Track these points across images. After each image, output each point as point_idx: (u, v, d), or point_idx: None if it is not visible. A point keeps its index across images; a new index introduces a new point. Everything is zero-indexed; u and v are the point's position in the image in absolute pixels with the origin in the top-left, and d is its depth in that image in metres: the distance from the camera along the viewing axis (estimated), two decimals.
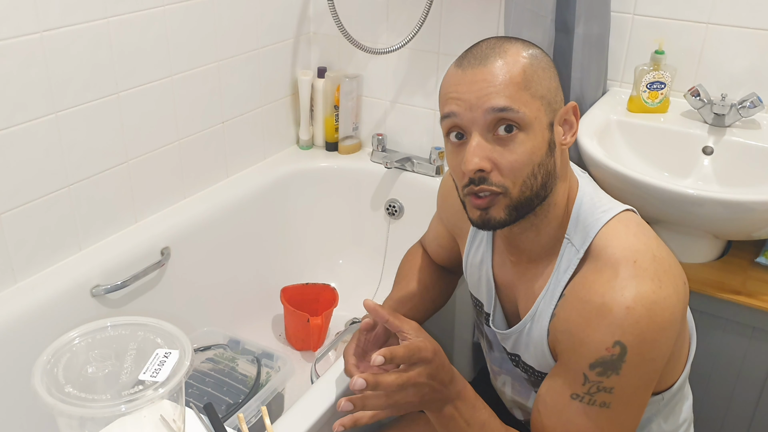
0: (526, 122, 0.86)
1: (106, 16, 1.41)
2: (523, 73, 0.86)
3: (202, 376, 1.46)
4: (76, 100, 1.39)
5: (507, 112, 0.85)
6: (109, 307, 1.48)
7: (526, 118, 0.86)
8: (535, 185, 0.88)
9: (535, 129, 0.87)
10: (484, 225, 0.91)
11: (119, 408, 0.67)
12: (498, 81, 0.86)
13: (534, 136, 0.87)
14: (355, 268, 2.06)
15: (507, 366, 1.08)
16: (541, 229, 0.94)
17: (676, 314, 0.86)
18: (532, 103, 0.87)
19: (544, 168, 0.88)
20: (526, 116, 0.86)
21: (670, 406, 1.04)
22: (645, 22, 1.59)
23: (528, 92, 0.86)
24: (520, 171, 0.87)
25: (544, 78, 0.89)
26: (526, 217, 0.91)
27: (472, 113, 0.86)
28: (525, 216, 0.91)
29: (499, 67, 0.86)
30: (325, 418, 1.13)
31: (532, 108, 0.86)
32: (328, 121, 2.03)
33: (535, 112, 0.87)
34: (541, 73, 0.88)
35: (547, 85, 0.89)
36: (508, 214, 0.89)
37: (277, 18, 1.87)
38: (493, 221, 0.90)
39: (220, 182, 1.83)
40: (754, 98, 1.46)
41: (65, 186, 1.42)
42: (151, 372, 0.71)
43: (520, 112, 0.85)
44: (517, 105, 0.85)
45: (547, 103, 0.88)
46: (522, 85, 0.86)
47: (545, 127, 0.88)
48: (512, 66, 0.87)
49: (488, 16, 1.73)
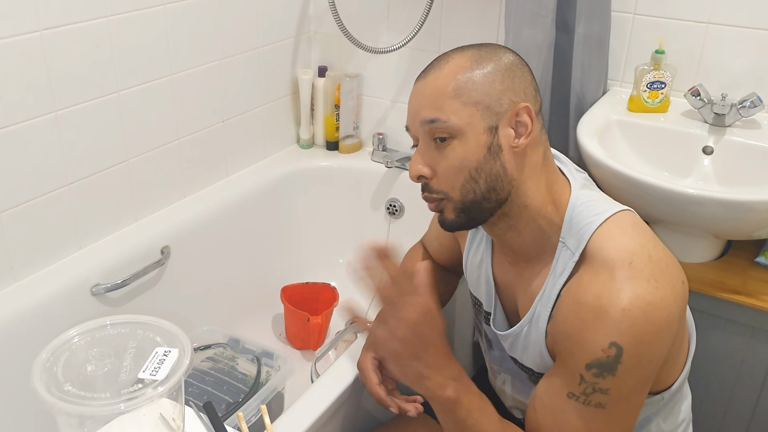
0: (457, 130, 0.89)
1: (107, 14, 1.41)
2: (455, 81, 0.90)
3: (202, 375, 1.46)
4: (76, 99, 1.39)
5: (435, 123, 0.90)
6: (109, 306, 1.48)
7: (456, 126, 0.89)
8: (478, 189, 0.91)
9: (467, 135, 0.90)
10: (443, 227, 0.96)
11: (119, 406, 0.67)
12: (428, 93, 0.91)
13: (467, 141, 0.90)
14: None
15: (507, 364, 1.08)
16: (521, 229, 0.95)
17: (673, 315, 0.86)
18: (464, 110, 0.89)
19: (486, 172, 0.90)
20: (455, 124, 0.89)
21: (669, 406, 1.04)
22: (645, 21, 1.59)
23: (458, 100, 0.89)
24: (454, 176, 0.91)
25: (483, 83, 0.90)
26: (501, 218, 0.94)
27: (413, 125, 0.94)
28: (483, 218, 0.94)
29: (433, 78, 0.92)
30: (325, 417, 1.13)
31: (463, 115, 0.89)
32: (328, 120, 2.03)
33: (467, 119, 0.89)
34: (480, 78, 0.90)
35: (486, 90, 0.90)
36: (457, 216, 0.94)
37: (277, 17, 1.87)
38: (447, 222, 0.95)
39: (220, 181, 1.83)
40: (755, 98, 1.46)
41: (65, 185, 1.42)
42: (150, 370, 0.71)
43: (449, 121, 0.89)
44: (444, 115, 0.89)
45: (484, 107, 0.89)
46: (451, 93, 0.90)
47: (481, 132, 0.90)
48: (445, 76, 0.91)
49: (489, 15, 1.73)
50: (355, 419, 1.26)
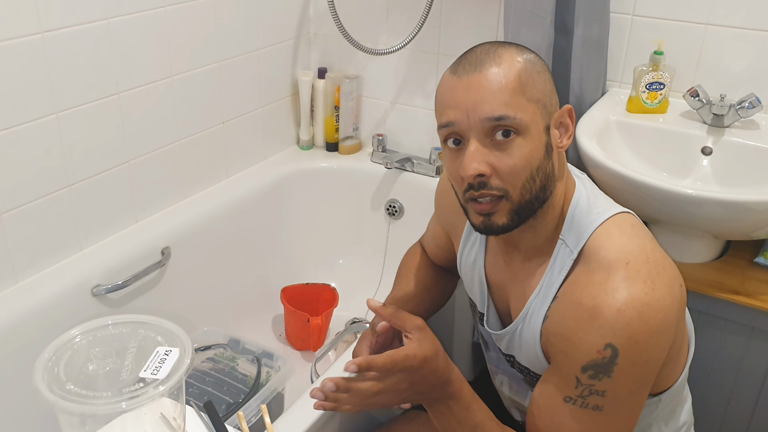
0: (523, 127, 0.86)
1: (107, 16, 1.41)
2: (519, 77, 0.87)
3: (203, 375, 1.46)
4: (77, 101, 1.40)
5: (504, 120, 0.86)
6: (109, 307, 1.48)
7: (523, 123, 0.86)
8: (535, 188, 0.89)
9: (532, 133, 0.87)
10: (486, 230, 0.92)
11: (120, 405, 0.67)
12: (494, 87, 0.86)
13: (531, 139, 0.87)
14: (355, 268, 2.06)
15: (503, 366, 1.09)
16: (538, 230, 0.95)
17: (669, 317, 0.85)
18: (528, 107, 0.87)
19: (543, 171, 0.89)
20: (522, 121, 0.86)
21: (669, 409, 1.04)
22: (644, 22, 1.60)
23: (524, 96, 0.87)
24: (519, 175, 0.87)
25: (539, 81, 0.89)
26: (527, 220, 0.92)
27: (469, 120, 0.87)
28: (527, 220, 0.91)
29: (495, 73, 0.87)
30: (325, 417, 1.13)
31: (528, 112, 0.87)
32: (328, 121, 2.04)
33: (531, 116, 0.87)
34: (536, 77, 0.89)
35: (542, 89, 0.89)
36: (510, 219, 0.90)
37: (277, 19, 1.87)
38: (495, 227, 0.91)
39: (220, 182, 1.83)
40: (753, 99, 1.46)
41: (66, 186, 1.43)
42: (151, 370, 0.71)
43: (517, 117, 0.86)
44: (513, 111, 0.86)
45: (542, 106, 0.89)
46: (518, 90, 0.87)
47: (542, 130, 0.89)
48: (507, 71, 0.87)
49: (488, 17, 1.74)
50: (354, 420, 1.26)
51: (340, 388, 0.87)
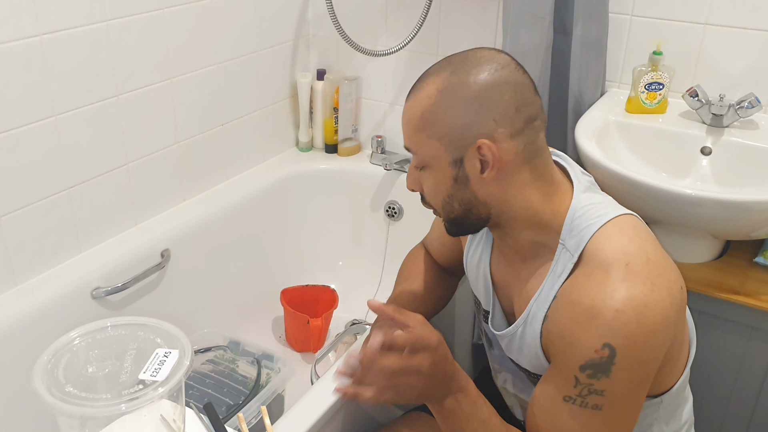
0: (425, 162, 0.92)
1: (106, 18, 1.41)
2: (422, 114, 0.90)
3: (203, 377, 1.46)
4: (76, 103, 1.40)
5: (410, 151, 0.94)
6: (109, 309, 1.48)
7: (425, 159, 0.92)
8: (455, 211, 0.94)
9: (434, 167, 0.92)
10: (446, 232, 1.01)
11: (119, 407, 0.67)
12: (405, 120, 0.93)
13: (436, 172, 0.92)
14: (355, 270, 2.06)
15: (507, 363, 1.09)
16: (516, 236, 0.97)
17: (668, 318, 0.85)
18: (429, 143, 0.91)
19: (458, 198, 0.93)
20: (424, 157, 0.92)
21: (670, 409, 1.04)
22: (643, 23, 1.60)
23: (424, 133, 0.91)
24: (434, 199, 0.96)
25: (449, 117, 0.88)
26: (494, 227, 0.97)
27: None
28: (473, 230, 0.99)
29: (409, 106, 0.93)
30: (326, 418, 1.13)
31: (430, 148, 0.91)
32: (327, 123, 2.04)
33: (433, 152, 0.91)
34: (443, 113, 0.89)
35: (451, 124, 0.88)
36: (449, 227, 0.99)
37: (276, 20, 1.87)
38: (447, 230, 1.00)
39: (219, 184, 1.83)
40: (752, 98, 1.46)
41: (65, 188, 1.43)
42: (151, 371, 0.71)
43: (418, 153, 0.93)
44: (414, 146, 0.93)
45: (448, 141, 0.89)
46: (418, 126, 0.91)
47: (446, 165, 0.91)
48: (416, 107, 0.92)
49: (487, 17, 1.74)
50: (355, 421, 1.26)
51: (364, 363, 0.87)
